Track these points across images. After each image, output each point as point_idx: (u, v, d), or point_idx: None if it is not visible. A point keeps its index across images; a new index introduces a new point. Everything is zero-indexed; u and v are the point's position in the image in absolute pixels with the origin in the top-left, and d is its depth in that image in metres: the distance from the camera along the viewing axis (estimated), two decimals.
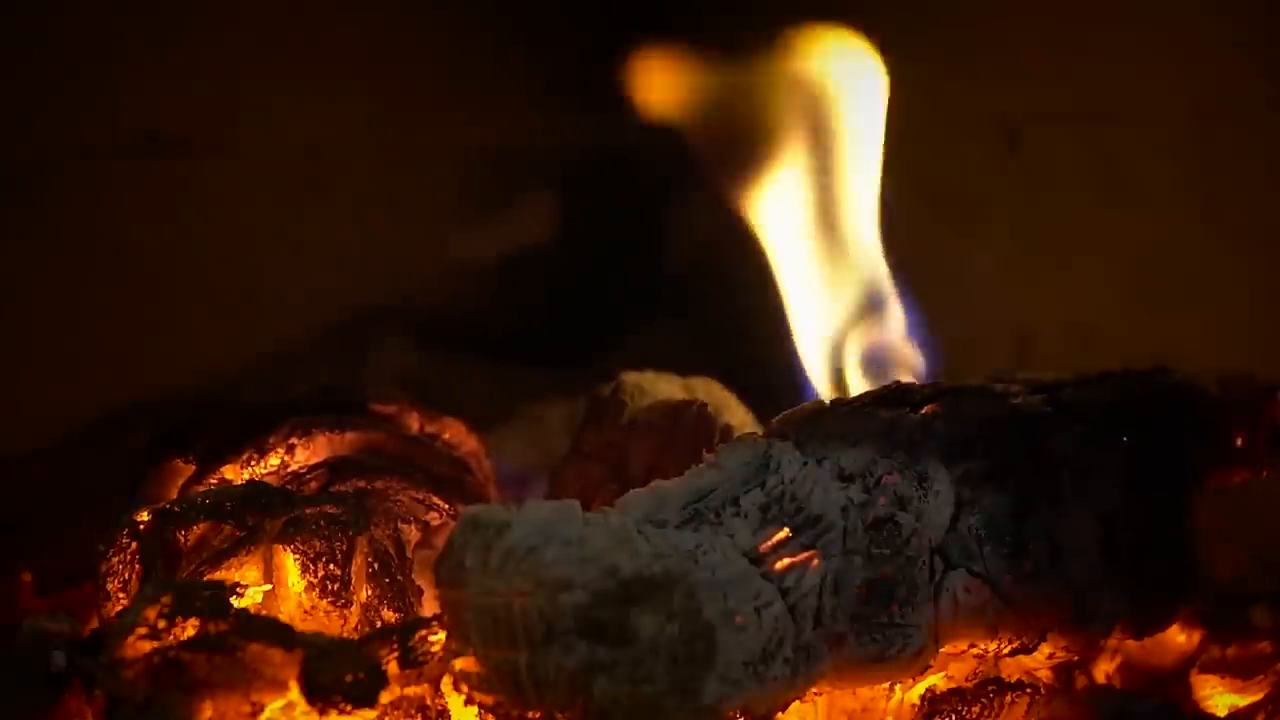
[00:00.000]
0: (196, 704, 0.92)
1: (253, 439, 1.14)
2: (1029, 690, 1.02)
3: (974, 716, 1.02)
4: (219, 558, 1.04)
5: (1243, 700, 1.10)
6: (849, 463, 0.97)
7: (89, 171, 1.59)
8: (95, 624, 1.09)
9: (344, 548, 1.05)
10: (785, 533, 0.92)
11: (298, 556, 1.04)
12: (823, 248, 1.24)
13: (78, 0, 1.56)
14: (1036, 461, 1.01)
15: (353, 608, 1.04)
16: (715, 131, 1.34)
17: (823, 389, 1.20)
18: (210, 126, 1.66)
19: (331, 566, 1.04)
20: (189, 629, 0.94)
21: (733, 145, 1.29)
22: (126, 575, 1.05)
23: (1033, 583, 0.99)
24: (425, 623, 0.96)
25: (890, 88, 1.25)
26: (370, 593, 1.05)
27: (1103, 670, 1.13)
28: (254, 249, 1.69)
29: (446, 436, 1.22)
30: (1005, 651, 1.02)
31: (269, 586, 1.03)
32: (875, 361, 1.20)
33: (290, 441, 1.14)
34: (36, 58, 1.55)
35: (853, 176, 1.25)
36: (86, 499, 1.47)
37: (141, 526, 1.06)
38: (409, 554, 1.10)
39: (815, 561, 0.92)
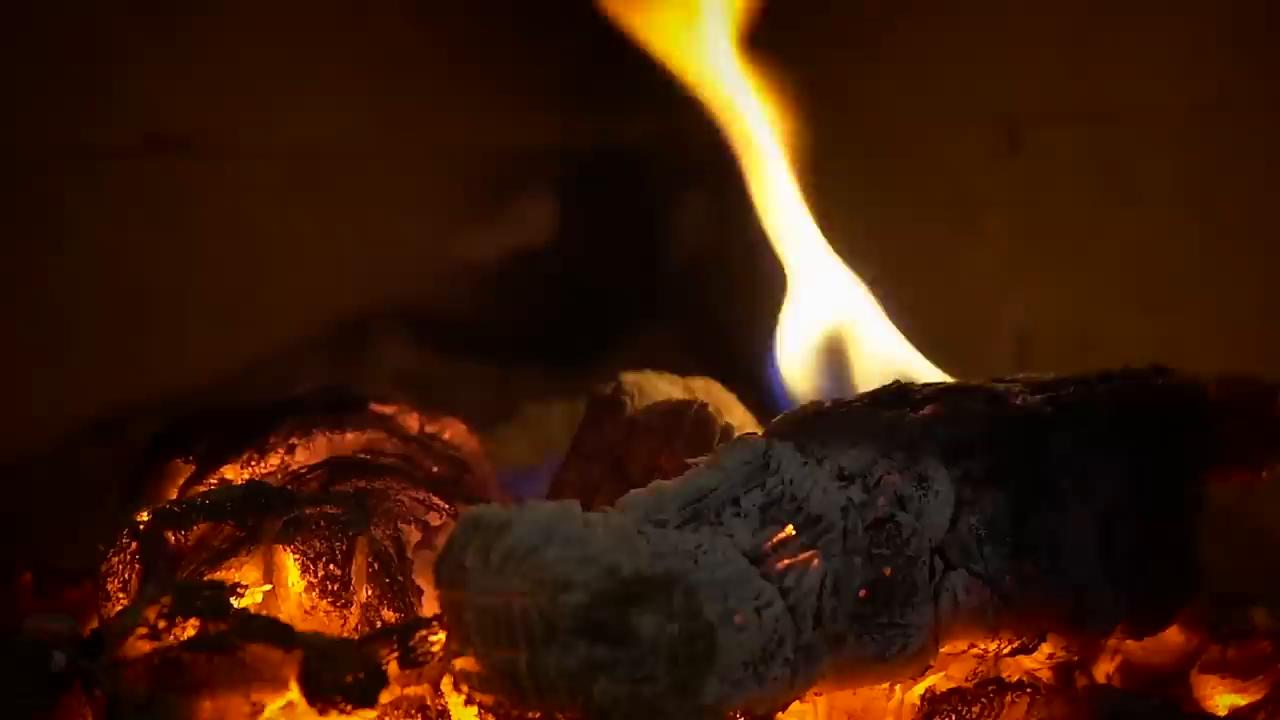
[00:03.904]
0: (196, 704, 0.92)
1: (253, 439, 1.14)
2: (1029, 690, 1.02)
3: (974, 716, 1.02)
4: (219, 558, 1.04)
5: (1243, 700, 1.10)
6: (849, 463, 0.97)
7: (89, 171, 1.59)
8: (95, 624, 1.09)
9: (344, 548, 1.05)
10: (786, 532, 0.92)
11: (298, 556, 1.04)
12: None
13: (78, 0, 1.56)
14: (1036, 461, 1.01)
15: (353, 608, 1.04)
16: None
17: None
18: (210, 126, 1.66)
19: (331, 566, 1.04)
20: (189, 629, 0.94)
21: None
22: (126, 575, 1.05)
23: (1033, 583, 0.99)
24: (425, 623, 0.96)
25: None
26: (370, 593, 1.05)
27: (1103, 670, 1.13)
28: (254, 249, 1.69)
29: (446, 436, 1.22)
30: (1005, 651, 1.02)
31: (269, 586, 1.03)
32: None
33: (290, 441, 1.14)
34: (37, 57, 1.55)
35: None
36: (86, 499, 1.47)
37: (141, 526, 1.05)
38: (409, 554, 1.10)
39: (816, 562, 0.92)
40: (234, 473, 1.12)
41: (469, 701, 0.90)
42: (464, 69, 1.80)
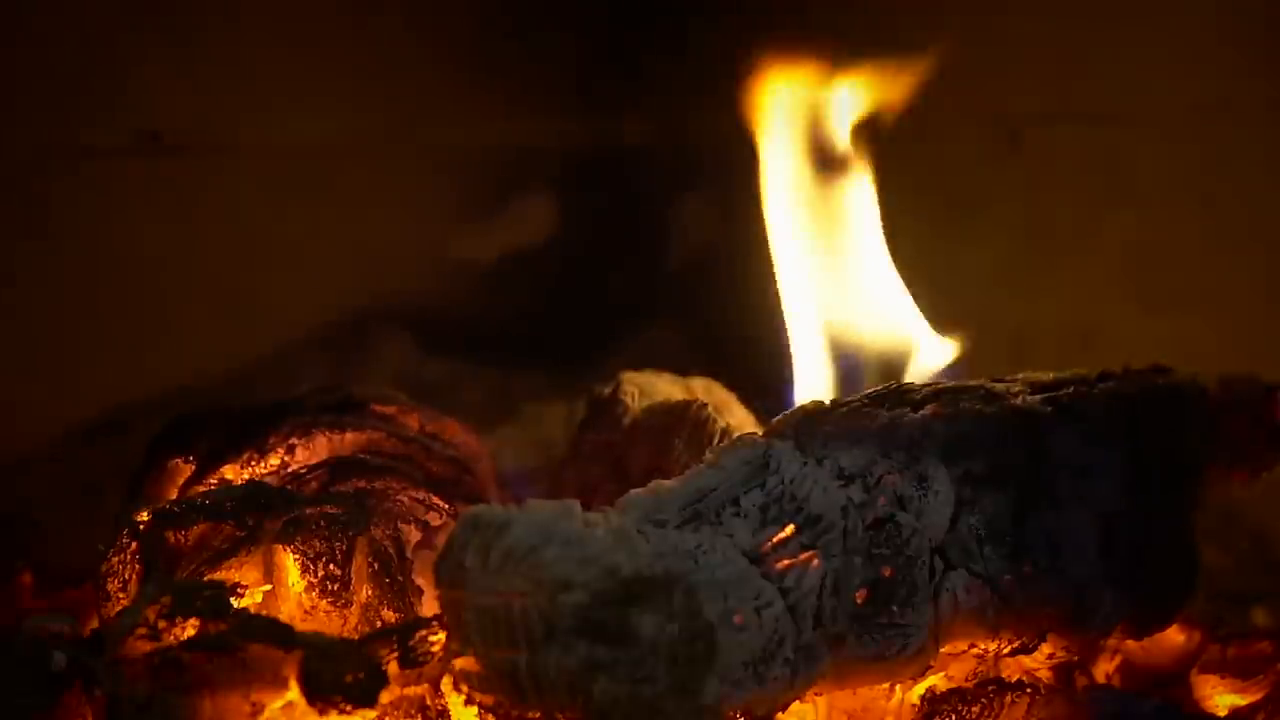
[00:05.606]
0: (196, 704, 0.92)
1: (253, 439, 1.14)
2: (1029, 690, 1.02)
3: (974, 716, 1.02)
4: (219, 558, 1.04)
5: (1243, 700, 1.10)
6: (849, 463, 0.97)
7: (89, 171, 1.59)
8: (95, 624, 1.09)
9: (344, 548, 1.05)
10: (786, 532, 0.92)
11: (298, 556, 1.04)
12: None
13: (79, 0, 1.56)
14: (1036, 461, 1.01)
15: (353, 608, 1.04)
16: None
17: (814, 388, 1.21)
18: (210, 126, 1.66)
19: (331, 566, 1.04)
20: (189, 629, 0.95)
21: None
22: (126, 575, 1.05)
23: (1032, 583, 0.99)
24: (425, 623, 0.96)
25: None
26: (370, 593, 1.05)
27: (1103, 670, 1.13)
28: (254, 249, 1.69)
29: (446, 436, 1.22)
30: (1005, 651, 1.02)
31: (269, 586, 1.03)
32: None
33: (290, 441, 1.14)
34: (37, 57, 1.55)
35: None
36: (86, 499, 1.47)
37: (141, 526, 1.06)
38: (409, 554, 1.10)
39: (815, 562, 0.92)
40: (234, 473, 1.12)
41: (469, 701, 0.90)
42: (464, 69, 1.80)
